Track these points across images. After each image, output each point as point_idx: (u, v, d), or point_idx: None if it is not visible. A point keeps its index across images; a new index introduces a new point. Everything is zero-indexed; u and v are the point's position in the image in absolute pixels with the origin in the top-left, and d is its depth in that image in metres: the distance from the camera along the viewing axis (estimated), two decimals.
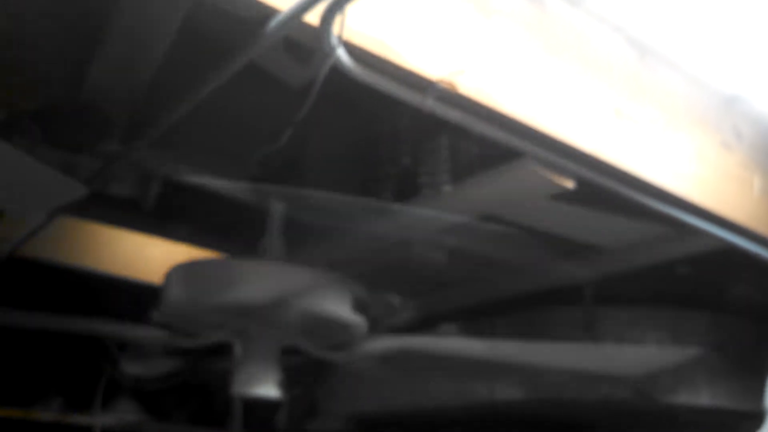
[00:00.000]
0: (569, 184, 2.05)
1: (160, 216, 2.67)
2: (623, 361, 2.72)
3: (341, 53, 1.51)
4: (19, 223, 2.64)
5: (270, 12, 1.46)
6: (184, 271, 2.37)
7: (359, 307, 2.33)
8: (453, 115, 1.76)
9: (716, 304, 3.21)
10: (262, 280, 2.24)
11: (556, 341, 2.95)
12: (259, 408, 3.44)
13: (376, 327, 2.45)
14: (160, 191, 2.48)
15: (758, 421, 2.43)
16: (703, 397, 3.16)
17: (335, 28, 1.45)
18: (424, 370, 3.40)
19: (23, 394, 4.04)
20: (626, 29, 2.09)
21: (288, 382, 2.45)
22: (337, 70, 1.55)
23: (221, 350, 2.71)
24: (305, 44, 1.57)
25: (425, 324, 3.37)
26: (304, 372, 3.77)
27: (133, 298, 2.79)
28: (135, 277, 3.12)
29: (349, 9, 1.43)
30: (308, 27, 1.47)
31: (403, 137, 2.37)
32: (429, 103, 1.69)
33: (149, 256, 3.04)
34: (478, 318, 3.46)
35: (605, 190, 2.08)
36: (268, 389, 2.34)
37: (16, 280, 3.10)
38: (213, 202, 2.56)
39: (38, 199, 2.20)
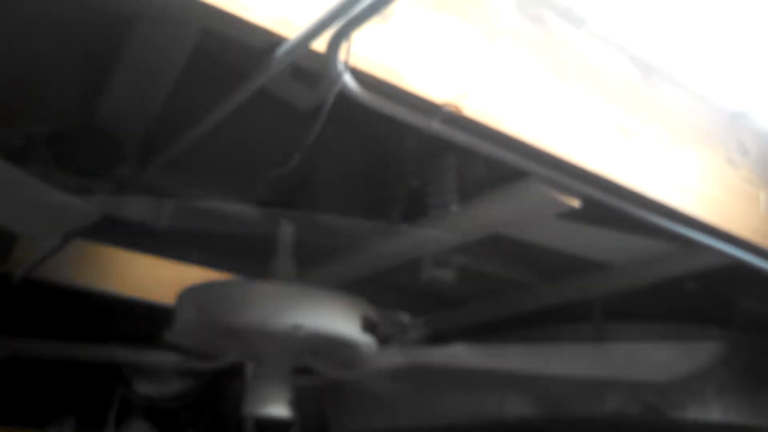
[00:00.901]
0: (575, 202, 2.07)
1: (173, 238, 2.70)
2: (635, 367, 2.72)
3: (348, 79, 1.54)
4: (34, 246, 2.67)
5: (278, 40, 1.49)
6: (195, 293, 2.40)
7: (369, 326, 2.35)
8: (459, 137, 1.78)
9: (725, 319, 3.22)
10: (272, 301, 2.26)
11: (566, 349, 2.95)
12: (270, 427, 3.46)
13: (386, 346, 2.47)
14: (172, 214, 2.51)
15: None
16: (713, 412, 3.16)
17: (342, 55, 1.49)
18: (434, 384, 3.41)
19: (37, 413, 4.06)
20: (629, 48, 2.11)
21: (299, 401, 2.47)
22: (345, 95, 1.58)
23: (233, 370, 2.73)
24: (313, 70, 1.60)
25: (435, 342, 3.38)
26: (315, 390, 3.80)
27: (146, 319, 2.82)
28: (147, 298, 3.15)
29: (355, 35, 1.46)
30: (315, 54, 1.50)
31: (411, 158, 2.40)
32: (435, 126, 1.72)
33: (161, 277, 3.07)
34: (487, 336, 3.47)
35: (611, 208, 2.10)
36: (279, 408, 2.36)
37: (30, 302, 3.13)
38: (224, 224, 2.59)
39: (52, 223, 2.23)
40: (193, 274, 2.92)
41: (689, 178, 2.22)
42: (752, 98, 2.31)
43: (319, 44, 1.48)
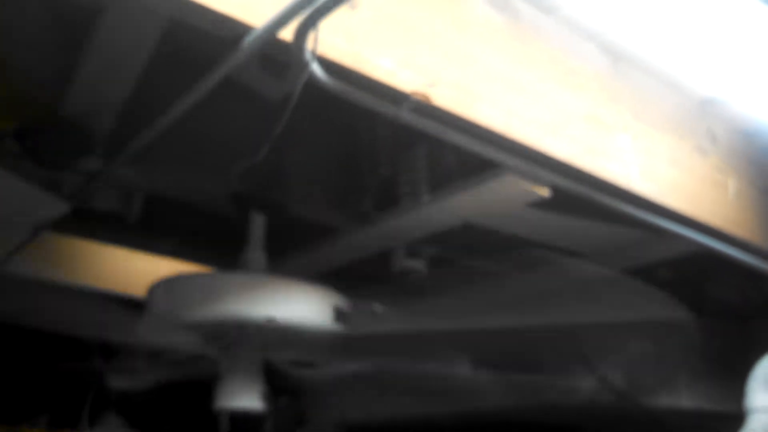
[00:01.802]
0: (545, 192, 2.08)
1: (144, 230, 2.69)
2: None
3: (315, 67, 1.53)
4: (3, 239, 2.65)
5: (245, 29, 1.48)
6: (167, 285, 2.39)
7: (341, 317, 2.35)
8: (428, 126, 1.78)
9: (696, 307, 3.24)
10: (244, 294, 2.26)
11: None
12: (245, 420, 3.46)
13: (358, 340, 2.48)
14: (143, 206, 2.50)
15: (738, 422, 2.45)
16: (683, 399, 3.19)
17: (309, 43, 1.48)
18: (410, 374, 3.42)
19: (10, 411, 4.03)
20: (599, 36, 2.12)
21: (274, 393, 2.47)
22: (313, 84, 1.57)
23: (205, 363, 2.72)
24: (281, 59, 1.59)
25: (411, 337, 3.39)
26: (291, 382, 3.79)
27: (119, 312, 2.80)
28: (120, 290, 3.13)
29: (322, 24, 1.46)
30: (282, 43, 1.49)
31: (382, 148, 2.40)
32: (404, 115, 1.72)
33: (134, 269, 3.05)
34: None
35: (581, 197, 2.11)
36: (252, 401, 2.36)
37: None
38: (195, 215, 2.58)
39: (21, 216, 2.22)
40: (165, 266, 2.90)
41: (658, 166, 2.24)
42: (721, 87, 2.33)
43: (287, 33, 1.47)
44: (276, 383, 2.58)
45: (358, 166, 2.49)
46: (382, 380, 3.01)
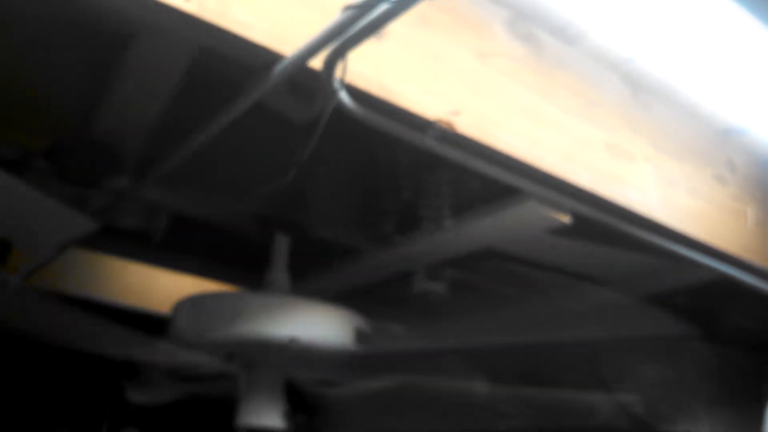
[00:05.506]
0: (566, 219, 2.10)
1: (170, 249, 2.72)
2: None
3: (343, 95, 1.57)
4: (30, 255, 2.69)
5: (275, 58, 1.52)
6: (191, 304, 2.42)
7: (363, 339, 2.37)
8: (452, 153, 1.81)
9: (714, 335, 3.24)
10: (268, 314, 2.28)
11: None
12: None
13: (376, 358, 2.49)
14: (169, 224, 2.53)
15: None
16: (701, 426, 3.18)
17: (337, 72, 1.51)
18: (424, 398, 3.42)
19: (29, 424, 4.06)
20: (621, 67, 2.15)
21: (292, 412, 2.49)
22: (340, 110, 1.61)
23: (228, 380, 2.75)
24: (309, 85, 1.63)
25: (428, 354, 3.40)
26: (309, 401, 3.81)
27: (143, 328, 2.83)
28: (144, 307, 3.16)
29: (350, 53, 1.49)
30: (311, 71, 1.53)
31: (405, 172, 2.42)
32: (428, 142, 1.75)
33: (159, 287, 3.08)
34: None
35: (602, 224, 2.13)
36: (273, 419, 2.38)
37: (25, 311, 3.14)
38: (220, 235, 2.62)
39: (49, 233, 2.26)
40: (190, 284, 2.94)
41: (678, 195, 2.26)
42: (741, 116, 2.34)
43: (316, 62, 1.51)
44: (295, 402, 2.59)
45: (380, 190, 2.52)
46: (399, 398, 3.02)
